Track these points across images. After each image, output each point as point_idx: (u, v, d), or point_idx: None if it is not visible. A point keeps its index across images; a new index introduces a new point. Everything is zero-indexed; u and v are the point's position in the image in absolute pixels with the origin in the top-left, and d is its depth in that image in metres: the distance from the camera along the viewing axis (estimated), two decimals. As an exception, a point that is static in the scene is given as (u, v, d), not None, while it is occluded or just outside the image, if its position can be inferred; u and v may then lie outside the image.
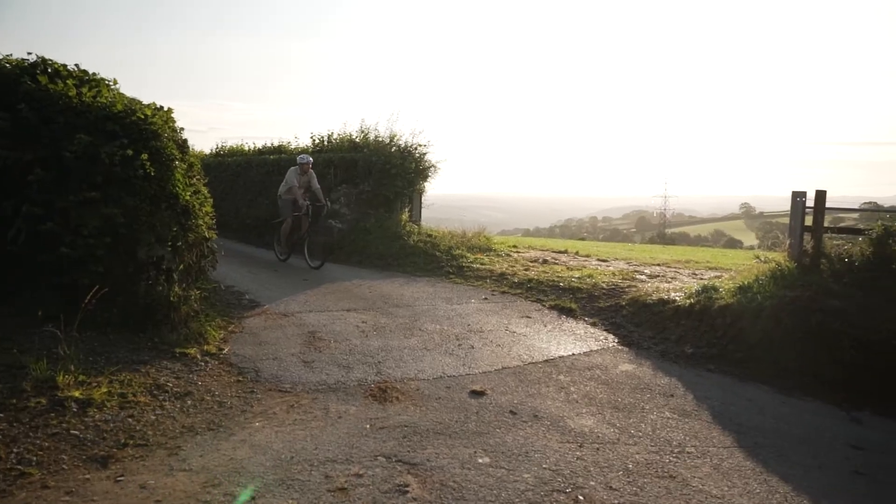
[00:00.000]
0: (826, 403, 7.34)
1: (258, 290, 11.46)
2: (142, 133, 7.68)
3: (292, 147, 20.56)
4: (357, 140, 17.92)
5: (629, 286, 11.10)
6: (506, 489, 4.75)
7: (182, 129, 8.76)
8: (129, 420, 5.59)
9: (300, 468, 4.90)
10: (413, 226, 16.36)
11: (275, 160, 19.36)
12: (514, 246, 16.80)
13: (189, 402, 6.15)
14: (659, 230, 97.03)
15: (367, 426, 5.81)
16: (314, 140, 19.42)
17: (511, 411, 6.36)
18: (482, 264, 13.71)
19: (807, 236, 9.78)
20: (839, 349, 7.74)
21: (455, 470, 5.01)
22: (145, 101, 8.35)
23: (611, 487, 4.94)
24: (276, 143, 21.59)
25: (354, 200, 16.60)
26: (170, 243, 7.84)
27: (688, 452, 5.75)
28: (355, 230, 16.10)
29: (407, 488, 4.65)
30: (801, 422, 6.77)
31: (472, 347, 8.43)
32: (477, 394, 6.79)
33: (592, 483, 4.99)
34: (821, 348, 7.87)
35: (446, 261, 14.04)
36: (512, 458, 5.30)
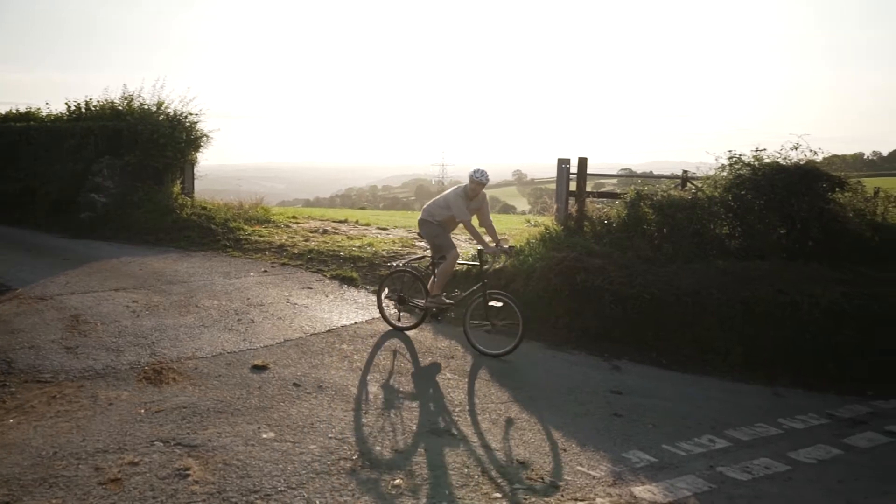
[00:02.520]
0: (591, 355, 7.99)
1: (8, 272, 10.33)
2: None
3: (44, 114, 18.62)
4: (120, 108, 16.60)
5: (409, 253, 11.32)
6: (292, 462, 4.70)
7: None
8: None
9: (65, 463, 4.52)
10: (186, 198, 15.53)
11: (22, 128, 17.44)
12: (294, 217, 16.54)
13: (-74, 401, 5.45)
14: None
15: (142, 411, 5.47)
16: (69, 107, 17.70)
17: (295, 383, 6.28)
18: (261, 236, 13.37)
19: (571, 201, 10.52)
20: (600, 304, 8.43)
21: (239, 448, 4.86)
22: None
23: (396, 450, 5.05)
24: (22, 109, 19.43)
25: (119, 173, 15.43)
26: None
27: (468, 410, 6.02)
28: (122, 204, 14.99)
29: (188, 472, 4.44)
30: (570, 373, 7.32)
31: (253, 321, 8.21)
32: (259, 368, 6.63)
33: (378, 448, 5.07)
34: (585, 304, 8.53)
35: (223, 234, 13.51)
36: (297, 431, 5.24)
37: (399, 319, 8.43)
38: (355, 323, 8.44)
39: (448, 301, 8.16)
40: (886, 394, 7.51)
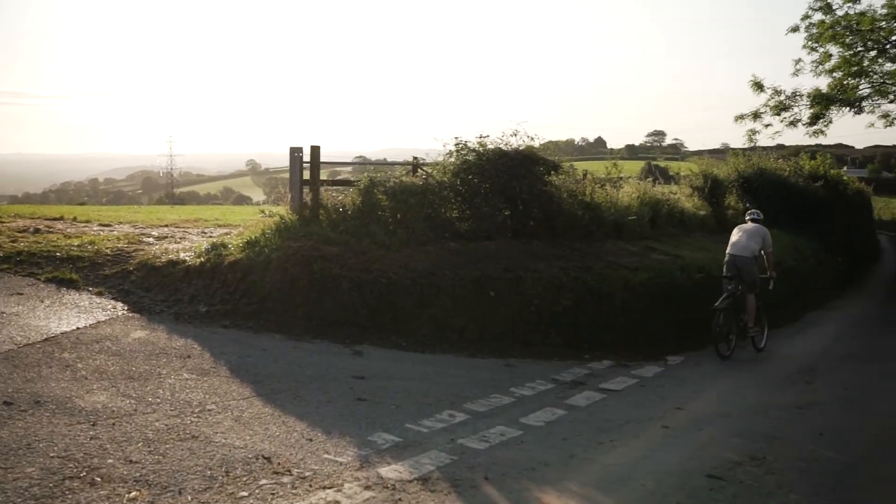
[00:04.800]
0: (332, 342, 8.04)
1: None
2: None
3: None
4: None
5: (136, 250, 10.59)
6: (3, 491, 4.18)
7: None
8: None
9: None
10: None
11: None
12: (-3, 215, 14.75)
13: None
14: (167, 190, 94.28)
15: None
16: None
17: (6, 402, 5.60)
18: (-45, 239, 11.76)
19: (306, 189, 10.46)
20: (339, 292, 8.50)
21: (-67, 485, 4.24)
22: None
23: (131, 461, 4.71)
24: None
25: None
26: None
27: (209, 410, 5.78)
28: None
29: None
30: (312, 363, 7.31)
31: (-51, 337, 7.21)
32: (-40, 389, 5.83)
33: (110, 461, 4.69)
34: (324, 292, 8.55)
35: None
36: (10, 455, 4.67)
37: (730, 350, 9.48)
38: (78, 328, 7.72)
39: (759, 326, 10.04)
40: (600, 356, 8.41)
